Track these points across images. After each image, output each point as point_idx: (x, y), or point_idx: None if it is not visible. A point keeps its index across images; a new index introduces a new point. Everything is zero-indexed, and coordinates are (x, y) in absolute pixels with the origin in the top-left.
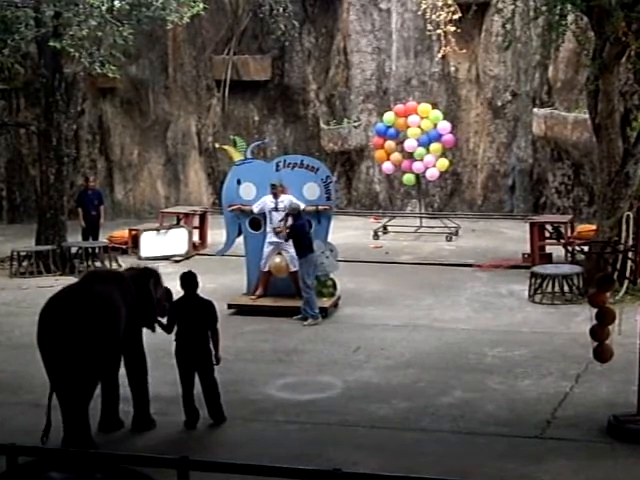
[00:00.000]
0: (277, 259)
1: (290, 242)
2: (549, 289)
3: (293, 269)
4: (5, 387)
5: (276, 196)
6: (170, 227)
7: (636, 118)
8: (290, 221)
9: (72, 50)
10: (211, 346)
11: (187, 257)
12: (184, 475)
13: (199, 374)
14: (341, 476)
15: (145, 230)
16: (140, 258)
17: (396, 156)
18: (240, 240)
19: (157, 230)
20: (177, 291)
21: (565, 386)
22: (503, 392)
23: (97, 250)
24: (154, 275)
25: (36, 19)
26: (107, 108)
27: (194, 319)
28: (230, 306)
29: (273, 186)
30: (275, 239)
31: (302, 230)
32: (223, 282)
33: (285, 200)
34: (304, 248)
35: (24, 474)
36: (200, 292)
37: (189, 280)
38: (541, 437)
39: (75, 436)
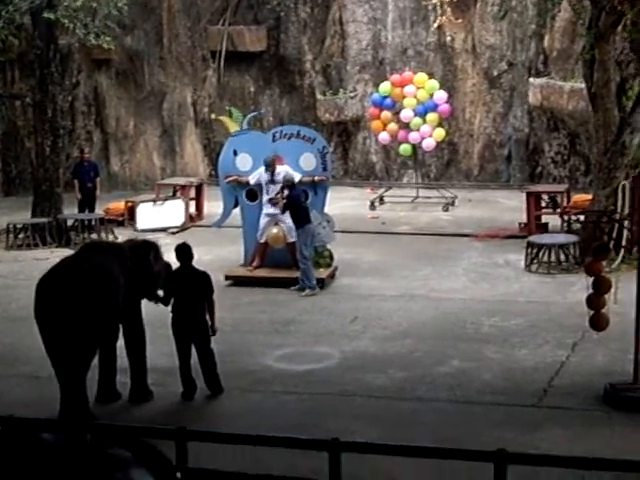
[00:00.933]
0: (274, 230)
1: (287, 213)
2: (545, 258)
3: (290, 240)
4: (2, 360)
5: (273, 170)
6: (166, 199)
7: (632, 87)
8: (286, 193)
9: (66, 21)
10: (207, 317)
11: (183, 229)
12: (182, 446)
13: (196, 345)
14: (339, 445)
15: (141, 202)
16: (136, 230)
17: (392, 126)
18: (237, 211)
19: (153, 202)
20: (173, 262)
21: (561, 355)
22: (500, 361)
23: (93, 222)
24: (154, 248)
25: None
26: (102, 80)
27: (190, 291)
28: (227, 277)
29: (267, 165)
30: (272, 210)
31: (298, 200)
32: (220, 253)
33: (281, 172)
34: (301, 218)
35: (16, 435)
36: (197, 264)
37: (184, 252)
38: (538, 406)
39: (72, 407)
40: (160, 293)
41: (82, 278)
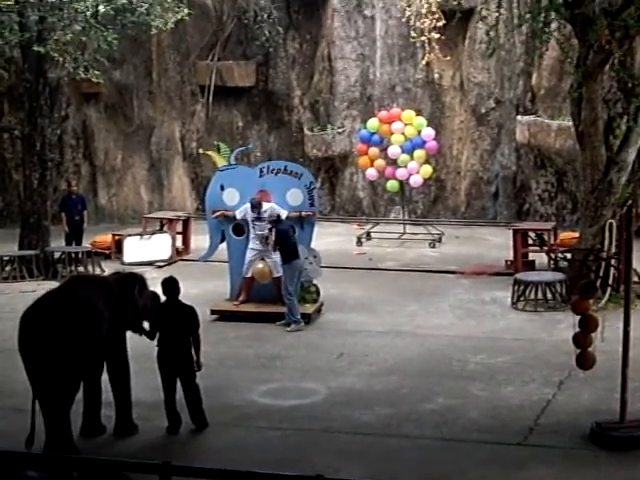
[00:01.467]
0: (260, 265)
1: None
2: (532, 296)
3: (276, 275)
4: None
5: (259, 210)
6: (153, 232)
7: (619, 126)
8: (274, 228)
9: (56, 55)
10: (193, 352)
11: (170, 262)
12: None
13: (181, 380)
14: None
15: (128, 235)
16: (123, 263)
17: (380, 162)
18: (223, 246)
19: (140, 235)
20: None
21: (548, 393)
22: (486, 399)
23: (80, 255)
24: (139, 280)
25: (20, 24)
26: (91, 113)
27: (176, 325)
28: (213, 312)
29: (253, 206)
30: (258, 246)
31: (286, 235)
32: (206, 288)
33: (268, 209)
34: (289, 253)
35: (1, 471)
36: (183, 298)
37: (171, 286)
38: (524, 444)
39: (57, 441)
40: (146, 325)
41: (66, 311)
